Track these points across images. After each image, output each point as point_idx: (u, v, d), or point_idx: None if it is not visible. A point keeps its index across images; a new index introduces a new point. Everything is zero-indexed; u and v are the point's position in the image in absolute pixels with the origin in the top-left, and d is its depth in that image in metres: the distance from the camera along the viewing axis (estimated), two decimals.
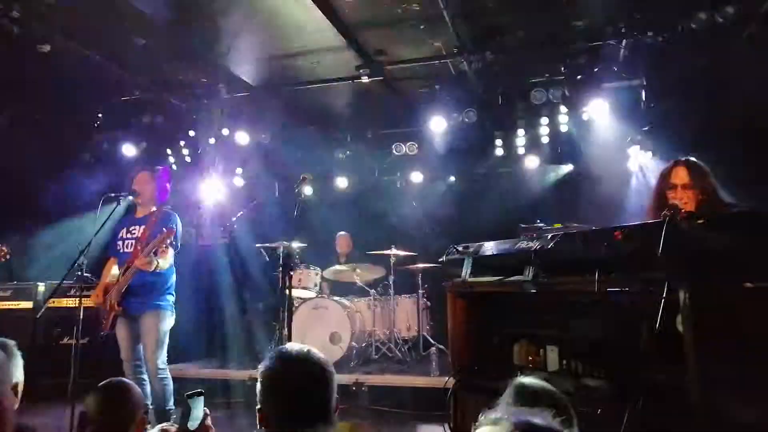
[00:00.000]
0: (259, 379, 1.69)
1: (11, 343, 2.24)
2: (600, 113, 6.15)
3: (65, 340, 6.09)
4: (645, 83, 5.95)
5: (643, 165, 6.46)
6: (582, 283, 2.70)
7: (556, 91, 6.13)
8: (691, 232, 2.30)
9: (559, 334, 2.99)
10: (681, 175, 3.09)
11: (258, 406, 1.66)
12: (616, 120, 6.18)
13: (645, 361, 2.19)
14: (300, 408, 1.61)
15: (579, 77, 5.84)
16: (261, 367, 1.72)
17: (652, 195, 3.23)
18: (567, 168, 7.57)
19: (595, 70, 5.74)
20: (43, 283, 6.32)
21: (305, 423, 1.61)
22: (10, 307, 6.16)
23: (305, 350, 1.73)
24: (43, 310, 5.14)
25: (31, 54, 5.10)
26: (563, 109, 6.40)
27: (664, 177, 3.17)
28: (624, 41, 5.31)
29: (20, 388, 2.21)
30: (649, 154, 6.34)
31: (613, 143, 6.45)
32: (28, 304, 6.20)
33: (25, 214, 6.83)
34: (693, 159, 3.17)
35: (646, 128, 6.31)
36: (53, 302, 5.99)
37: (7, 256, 4.49)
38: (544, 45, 5.64)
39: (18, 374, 2.21)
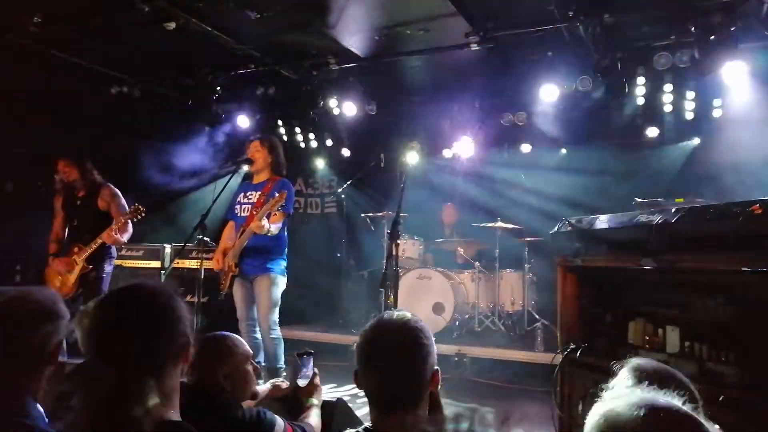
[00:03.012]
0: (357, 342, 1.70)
1: None
2: (736, 78, 5.55)
3: (188, 298, 6.59)
4: None
5: None
6: (710, 261, 2.49)
7: (684, 55, 5.61)
8: None
9: (681, 314, 2.79)
10: None
11: (355, 368, 1.68)
12: (756, 85, 5.57)
13: None
14: (388, 374, 1.60)
15: (712, 38, 5.27)
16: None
17: None
18: (694, 142, 6.96)
19: (732, 29, 5.15)
20: (169, 245, 6.85)
21: (393, 389, 1.60)
22: (141, 265, 6.76)
23: (403, 318, 1.68)
24: (169, 269, 5.62)
25: (158, 31, 5.44)
26: (692, 74, 5.86)
27: None
28: None
29: None
30: None
31: (752, 111, 5.84)
32: (157, 264, 6.76)
33: (150, 179, 7.38)
34: None
35: None
36: (178, 263, 6.51)
37: (143, 214, 4.88)
38: (671, 3, 5.18)
39: None
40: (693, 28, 5.39)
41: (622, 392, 1.10)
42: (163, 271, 6.55)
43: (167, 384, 1.51)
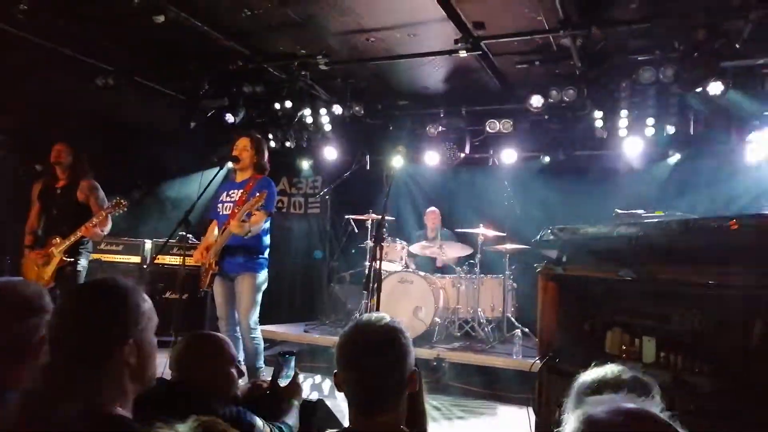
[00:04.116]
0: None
1: None
2: (716, 95, 5.66)
3: (168, 295, 6.53)
4: None
5: (763, 154, 5.94)
6: (687, 274, 2.55)
7: (668, 70, 5.71)
8: None
9: (658, 324, 2.84)
10: None
11: (335, 370, 1.69)
12: (734, 103, 5.69)
13: (755, 359, 2.04)
14: (366, 373, 1.61)
15: (695, 54, 5.38)
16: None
17: None
18: (674, 158, 7.08)
19: (715, 46, 5.26)
20: (150, 241, 6.79)
21: (372, 389, 1.61)
22: (121, 260, 6.68)
23: (381, 319, 1.70)
24: (149, 265, 5.57)
25: (147, 23, 5.39)
26: (674, 89, 5.97)
27: None
28: (751, 15, 4.84)
29: None
30: None
31: (730, 128, 5.96)
32: (137, 259, 6.70)
33: (137, 173, 7.31)
34: None
35: None
36: (159, 259, 6.45)
37: (125, 209, 4.82)
38: (656, 19, 5.27)
39: None
40: (677, 44, 5.50)
41: (602, 399, 1.12)
42: (145, 267, 6.49)
43: (110, 379, 1.49)
